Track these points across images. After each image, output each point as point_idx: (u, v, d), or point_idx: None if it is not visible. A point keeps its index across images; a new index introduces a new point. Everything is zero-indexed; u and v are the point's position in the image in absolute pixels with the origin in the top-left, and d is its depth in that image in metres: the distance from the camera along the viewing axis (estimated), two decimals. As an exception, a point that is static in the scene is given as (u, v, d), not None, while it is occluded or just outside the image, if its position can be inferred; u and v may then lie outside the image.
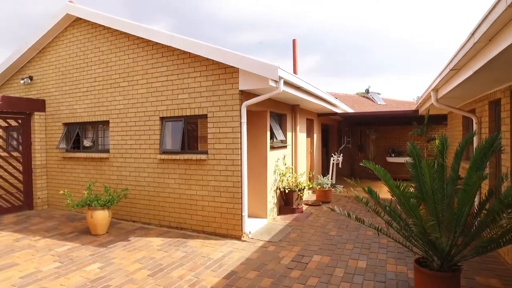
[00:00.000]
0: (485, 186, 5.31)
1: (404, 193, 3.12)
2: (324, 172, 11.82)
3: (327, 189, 8.82)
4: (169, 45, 6.13)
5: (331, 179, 10.30)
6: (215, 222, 6.00)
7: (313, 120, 10.54)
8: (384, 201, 3.75)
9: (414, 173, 3.64)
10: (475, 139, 5.97)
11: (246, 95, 5.84)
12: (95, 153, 7.47)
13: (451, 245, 3.32)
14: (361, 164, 3.99)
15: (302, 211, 7.73)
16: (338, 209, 3.91)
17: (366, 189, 3.76)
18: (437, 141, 3.90)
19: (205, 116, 6.09)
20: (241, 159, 5.75)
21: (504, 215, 2.82)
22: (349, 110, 12.50)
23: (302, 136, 9.20)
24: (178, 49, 6.16)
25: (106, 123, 7.40)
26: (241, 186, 5.76)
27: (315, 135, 10.69)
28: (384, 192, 4.35)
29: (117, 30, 6.93)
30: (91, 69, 7.43)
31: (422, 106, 8.87)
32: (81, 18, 7.55)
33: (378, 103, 23.55)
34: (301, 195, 7.63)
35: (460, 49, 3.49)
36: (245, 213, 5.78)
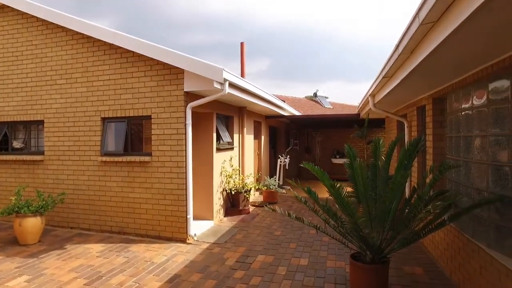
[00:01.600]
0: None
1: (338, 192, 3.31)
2: (272, 173, 12.07)
3: (273, 190, 9.02)
4: (111, 42, 5.89)
5: (278, 180, 10.55)
6: (160, 225, 5.86)
7: (261, 122, 10.73)
8: (322, 200, 3.95)
9: (350, 173, 3.88)
10: (407, 141, 6.50)
11: (191, 96, 5.80)
12: (27, 156, 6.91)
13: (381, 239, 3.59)
14: (301, 165, 4.16)
15: (248, 212, 7.83)
16: (279, 210, 4.04)
17: (306, 189, 3.92)
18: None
19: (149, 117, 5.93)
20: (186, 161, 5.69)
21: (423, 210, 3.11)
22: (296, 113, 12.91)
23: (249, 138, 9.32)
24: (122, 47, 5.93)
25: (40, 123, 6.89)
26: (186, 188, 5.70)
27: (262, 137, 10.89)
28: (325, 192, 4.57)
29: (53, 23, 6.49)
30: (22, 63, 6.85)
31: (362, 110, 9.44)
32: (7, 6, 6.89)
33: (325, 106, 24.58)
34: (248, 196, 7.72)
35: (389, 59, 3.80)
36: (190, 215, 5.73)
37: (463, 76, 3.74)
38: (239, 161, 8.51)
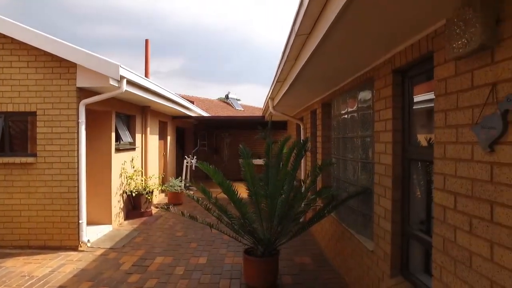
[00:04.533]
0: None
1: (228, 188, 3.45)
2: (180, 175, 11.87)
3: (179, 191, 8.89)
4: (-18, 25, 5.12)
5: (185, 181, 10.43)
6: (46, 234, 5.29)
7: (167, 123, 10.48)
8: (220, 199, 4.07)
9: (244, 172, 4.07)
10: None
11: (85, 92, 5.38)
12: None
13: (271, 234, 3.86)
14: (196, 165, 4.22)
15: (151, 214, 7.58)
16: (173, 209, 4.03)
17: (201, 188, 4.00)
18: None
19: (34, 114, 5.31)
20: (78, 162, 5.26)
21: (303, 204, 3.45)
22: (204, 114, 12.94)
23: (154, 138, 9.03)
24: (-3, 32, 5.20)
25: None
26: (78, 191, 5.27)
27: (169, 138, 10.65)
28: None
29: None
30: None
31: (266, 113, 9.93)
32: None
33: (237, 108, 25.11)
34: (150, 198, 7.48)
35: (278, 64, 4.11)
36: (83, 220, 5.30)
37: (341, 84, 4.26)
38: (142, 162, 8.18)
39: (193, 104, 12.26)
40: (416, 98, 2.69)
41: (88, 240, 5.42)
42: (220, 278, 4.24)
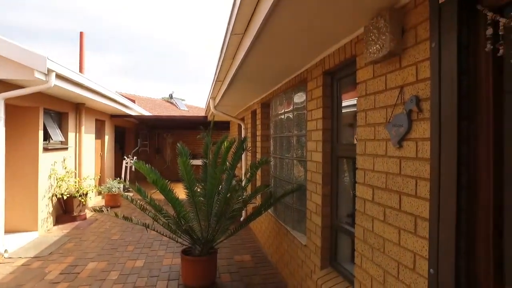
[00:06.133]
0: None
1: (163, 187, 3.38)
2: (120, 176, 11.31)
3: (116, 193, 8.47)
4: None
5: (125, 182, 9.95)
6: (-43, 244, 4.72)
7: (105, 121, 9.94)
8: (158, 200, 3.96)
9: (181, 170, 4.01)
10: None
11: (5, 85, 4.91)
12: None
13: (208, 232, 3.85)
14: (133, 166, 4.06)
15: (85, 218, 7.13)
16: (105, 210, 3.84)
17: (136, 188, 3.86)
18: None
19: None
20: (-3, 163, 4.77)
21: (236, 201, 3.50)
22: (146, 113, 12.49)
23: (89, 138, 8.50)
24: None
25: None
26: (-3, 195, 4.78)
27: (107, 137, 10.10)
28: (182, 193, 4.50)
29: None
30: None
31: (208, 113, 9.87)
32: None
33: (181, 108, 24.57)
34: (84, 201, 7.03)
35: (217, 63, 4.11)
36: (0, 228, 4.81)
37: (279, 85, 4.39)
38: (75, 162, 7.66)
39: (134, 103, 11.77)
40: (344, 99, 2.88)
41: (6, 250, 4.90)
42: (157, 280, 4.13)
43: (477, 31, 1.39)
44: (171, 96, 26.92)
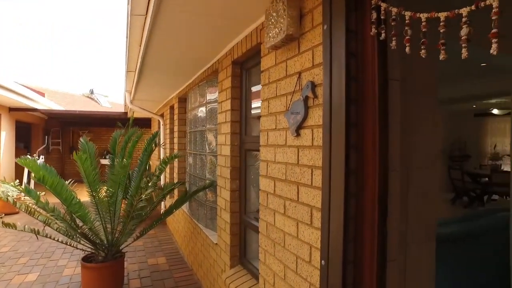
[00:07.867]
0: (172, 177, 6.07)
1: (52, 185, 2.94)
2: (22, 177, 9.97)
3: (15, 197, 7.39)
4: None
5: (28, 185, 8.79)
6: None
7: (1, 115, 8.66)
8: (47, 202, 3.46)
9: (78, 167, 3.57)
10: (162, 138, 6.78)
11: None
12: None
13: (112, 235, 3.48)
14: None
15: (-30, 228, 6.08)
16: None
17: (24, 189, 3.33)
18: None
19: None
20: None
21: (141, 199, 3.23)
22: (57, 107, 11.25)
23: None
24: None
25: None
26: None
27: (3, 133, 8.82)
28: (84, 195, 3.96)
29: None
30: None
31: (127, 108, 9.21)
32: None
33: (103, 104, 22.72)
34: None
35: (125, 49, 3.75)
36: None
37: (193, 78, 4.18)
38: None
39: (44, 96, 10.48)
40: (254, 90, 2.79)
41: None
42: (53, 294, 3.63)
43: (364, 15, 1.37)
44: (92, 92, 24.81)
